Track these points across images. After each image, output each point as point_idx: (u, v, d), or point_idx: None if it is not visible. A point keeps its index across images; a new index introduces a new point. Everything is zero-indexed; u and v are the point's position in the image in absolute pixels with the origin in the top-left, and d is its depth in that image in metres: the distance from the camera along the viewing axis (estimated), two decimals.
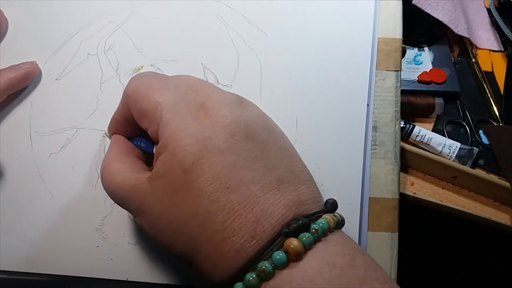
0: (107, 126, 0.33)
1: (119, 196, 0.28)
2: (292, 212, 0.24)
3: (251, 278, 0.22)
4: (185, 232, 0.25)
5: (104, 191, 0.35)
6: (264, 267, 0.22)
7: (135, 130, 0.31)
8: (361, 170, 0.36)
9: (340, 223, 0.26)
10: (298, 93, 0.37)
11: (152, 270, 0.34)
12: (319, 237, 0.23)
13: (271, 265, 0.22)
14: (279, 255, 0.22)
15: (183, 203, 0.24)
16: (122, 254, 0.35)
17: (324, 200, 0.27)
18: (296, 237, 0.23)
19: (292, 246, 0.22)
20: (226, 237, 0.23)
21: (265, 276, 0.22)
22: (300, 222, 0.23)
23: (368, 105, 0.37)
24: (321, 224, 0.24)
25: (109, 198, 0.35)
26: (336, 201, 0.26)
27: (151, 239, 0.29)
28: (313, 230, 0.23)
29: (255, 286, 0.22)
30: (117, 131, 0.32)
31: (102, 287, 0.35)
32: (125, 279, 0.34)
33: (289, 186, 0.25)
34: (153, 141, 0.30)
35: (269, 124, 0.28)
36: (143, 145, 0.31)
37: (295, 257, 0.22)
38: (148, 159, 0.32)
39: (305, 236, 0.23)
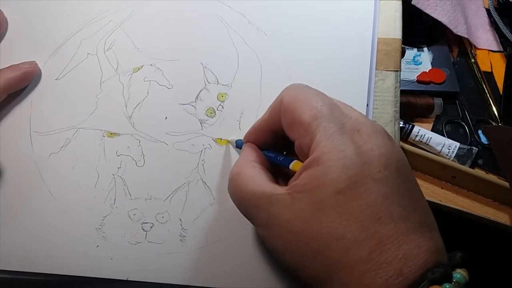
0: (245, 133, 0.33)
1: (250, 203, 0.27)
2: (433, 259, 0.23)
3: None
4: (323, 255, 0.24)
5: (102, 191, 0.36)
6: None
7: (273, 141, 0.31)
8: None
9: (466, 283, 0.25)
10: None
11: (152, 270, 0.35)
12: None
13: None
14: None
15: (329, 224, 0.24)
16: (122, 254, 0.35)
17: None
18: (440, 285, 0.22)
19: None
20: (371, 268, 0.23)
21: None
22: (443, 270, 0.23)
23: (367, 105, 0.38)
24: (458, 277, 0.23)
25: (109, 197, 0.35)
26: (464, 256, 0.26)
27: (273, 253, 0.27)
28: (454, 282, 0.23)
29: None
30: (254, 140, 0.32)
31: (102, 286, 0.35)
32: (125, 279, 0.35)
33: (428, 232, 0.24)
34: (289, 156, 0.30)
35: (408, 164, 0.28)
36: (279, 159, 0.30)
37: None
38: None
39: (447, 285, 0.22)
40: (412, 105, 0.57)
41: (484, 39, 0.65)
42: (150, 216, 0.35)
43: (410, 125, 0.55)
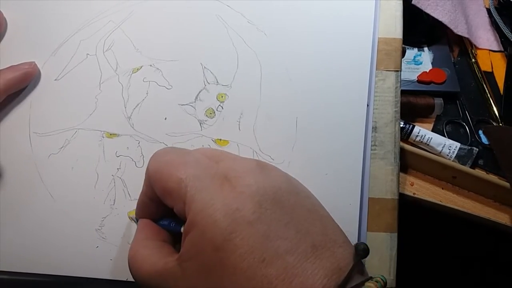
0: (134, 210, 0.33)
1: (149, 284, 0.27)
2: (333, 282, 0.22)
3: None
4: None
5: (101, 192, 0.36)
6: None
7: (162, 210, 0.30)
8: (361, 171, 0.36)
9: (383, 287, 0.24)
10: (298, 93, 0.38)
11: None
12: None
13: None
14: None
15: (219, 283, 0.23)
16: (122, 255, 0.35)
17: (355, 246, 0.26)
18: None
19: None
20: None
21: None
22: None
23: (368, 105, 0.38)
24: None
25: (108, 198, 0.36)
26: (367, 246, 0.25)
27: None
28: None
29: None
30: (144, 214, 0.32)
31: (102, 287, 0.35)
32: (124, 280, 0.34)
33: (325, 252, 0.24)
34: (181, 220, 0.29)
35: (294, 187, 0.27)
36: (171, 225, 0.30)
37: None
38: (176, 239, 0.31)
39: None
40: (413, 105, 0.57)
41: (485, 39, 0.64)
42: None
43: (411, 126, 0.55)
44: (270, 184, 0.25)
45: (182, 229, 0.28)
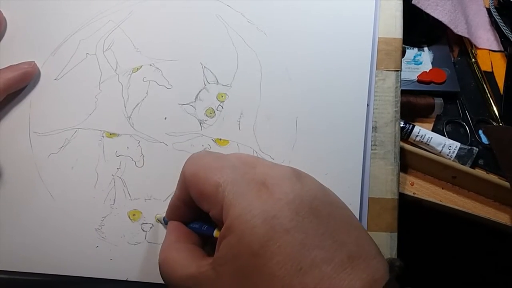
0: (160, 214, 0.33)
1: (185, 287, 0.27)
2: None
3: None
4: None
5: (101, 192, 0.36)
6: None
7: (194, 213, 0.31)
8: (361, 170, 0.36)
9: None
10: (298, 93, 0.38)
11: (151, 270, 0.35)
12: None
13: None
14: None
15: None
16: (121, 254, 0.35)
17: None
18: None
19: None
20: None
21: None
22: None
23: (368, 105, 0.38)
24: None
25: (108, 198, 0.35)
26: (402, 263, 0.24)
27: None
28: None
29: None
30: (175, 217, 0.32)
31: (102, 287, 0.35)
32: (125, 279, 0.34)
33: (361, 263, 0.23)
34: (212, 223, 0.29)
35: (329, 197, 0.27)
36: (203, 229, 0.30)
37: None
38: (206, 242, 0.31)
39: None
40: (413, 105, 0.57)
41: (485, 38, 0.65)
42: (149, 216, 0.35)
43: (411, 125, 0.55)
44: (307, 193, 0.25)
45: (214, 233, 0.28)
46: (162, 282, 0.34)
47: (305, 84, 0.38)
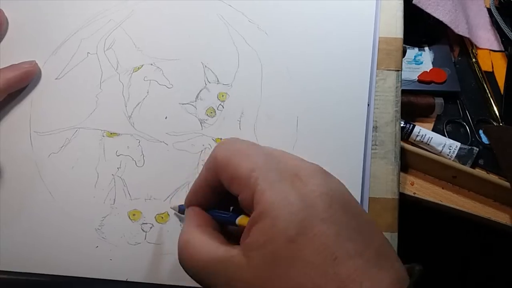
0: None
1: (205, 271, 0.27)
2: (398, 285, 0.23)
3: None
4: None
5: (101, 191, 0.36)
6: None
7: (216, 199, 0.31)
8: (361, 170, 0.36)
9: None
10: (299, 92, 0.38)
11: (151, 271, 0.35)
12: None
13: None
14: None
15: (287, 276, 0.23)
16: (121, 255, 0.35)
17: None
18: None
19: None
20: None
21: None
22: None
23: (368, 104, 0.38)
24: None
25: (108, 198, 0.35)
26: (422, 268, 0.25)
27: None
28: None
29: None
30: (196, 202, 0.31)
31: (101, 287, 0.35)
32: (124, 280, 0.34)
33: (387, 262, 0.24)
34: (236, 211, 0.29)
35: (353, 197, 0.28)
36: (226, 216, 0.30)
37: None
38: (224, 231, 0.31)
39: None
40: (413, 105, 0.57)
41: (485, 38, 0.65)
42: (149, 216, 0.35)
43: (411, 125, 0.55)
44: (337, 189, 0.26)
45: (238, 219, 0.28)
46: (162, 283, 0.34)
47: (305, 83, 0.38)
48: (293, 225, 0.23)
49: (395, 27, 0.40)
